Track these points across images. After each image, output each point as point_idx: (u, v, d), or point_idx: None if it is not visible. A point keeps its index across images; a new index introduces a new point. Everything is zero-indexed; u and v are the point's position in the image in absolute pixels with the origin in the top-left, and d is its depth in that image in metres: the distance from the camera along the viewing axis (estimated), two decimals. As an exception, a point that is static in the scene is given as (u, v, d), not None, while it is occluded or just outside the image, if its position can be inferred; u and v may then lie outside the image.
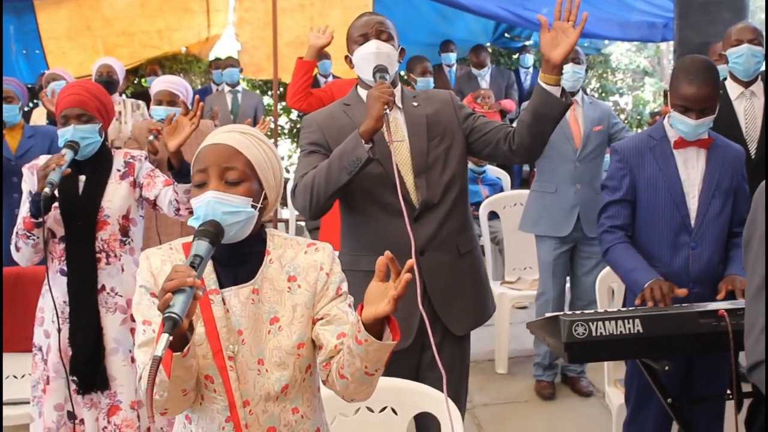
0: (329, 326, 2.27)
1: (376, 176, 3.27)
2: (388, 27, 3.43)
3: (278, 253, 2.33)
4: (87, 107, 3.62)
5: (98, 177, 3.68)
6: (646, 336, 2.96)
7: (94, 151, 3.65)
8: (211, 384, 2.22)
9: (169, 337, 1.85)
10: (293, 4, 10.67)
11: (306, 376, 2.31)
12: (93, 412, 3.60)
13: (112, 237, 3.63)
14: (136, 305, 2.26)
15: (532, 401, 5.54)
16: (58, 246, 3.62)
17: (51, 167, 3.38)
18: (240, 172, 2.22)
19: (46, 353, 3.64)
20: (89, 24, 10.56)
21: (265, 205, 2.29)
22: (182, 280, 1.92)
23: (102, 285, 3.61)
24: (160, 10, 10.73)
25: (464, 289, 3.44)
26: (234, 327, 2.23)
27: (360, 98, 3.49)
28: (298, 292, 2.29)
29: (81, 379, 3.55)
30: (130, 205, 3.69)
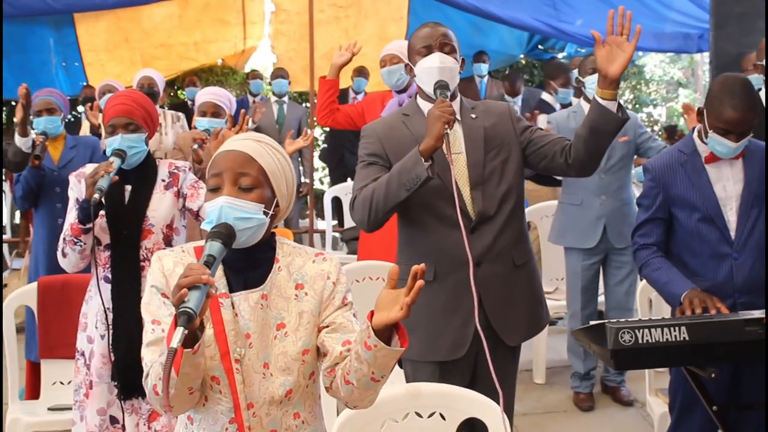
0: (335, 334, 2.32)
1: (433, 188, 3.28)
2: (451, 39, 3.46)
3: (287, 261, 2.37)
4: (134, 116, 3.67)
5: (144, 187, 3.72)
6: (692, 344, 2.97)
7: (140, 160, 3.71)
8: (217, 385, 2.27)
9: (184, 331, 1.91)
10: (328, 17, 10.73)
11: (309, 383, 2.36)
12: (134, 417, 3.63)
13: (156, 246, 3.68)
14: (146, 304, 2.32)
15: (571, 411, 5.53)
16: (103, 253, 3.66)
17: (99, 174, 3.44)
18: (253, 179, 2.27)
19: (88, 358, 3.68)
20: (128, 36, 10.66)
21: (277, 213, 2.34)
22: (197, 277, 1.98)
23: None
24: (198, 22, 10.81)
25: (518, 300, 3.45)
26: (242, 330, 2.28)
27: (419, 109, 3.52)
28: (305, 299, 2.34)
29: (123, 384, 3.59)
30: (173, 214, 3.74)
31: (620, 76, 3.22)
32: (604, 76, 3.22)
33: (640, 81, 13.64)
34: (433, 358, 3.36)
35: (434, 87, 3.36)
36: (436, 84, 3.36)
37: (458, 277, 3.27)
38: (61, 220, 5.38)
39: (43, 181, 5.36)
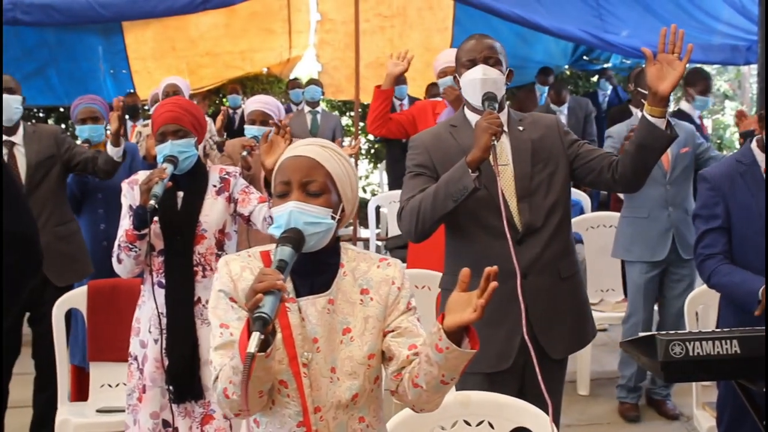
0: (400, 338, 2.34)
1: (480, 199, 3.30)
2: (497, 51, 3.48)
3: (352, 266, 2.40)
4: (182, 123, 3.71)
5: (196, 192, 3.77)
6: (744, 357, 2.93)
7: (191, 164, 3.75)
8: (285, 389, 2.29)
9: (261, 336, 1.93)
10: (374, 27, 10.79)
11: (374, 387, 2.38)
12: (187, 420, 3.67)
13: (208, 251, 3.72)
14: (213, 309, 2.33)
15: (615, 423, 5.50)
16: (157, 259, 3.70)
17: (154, 181, 3.48)
18: (321, 184, 2.30)
19: (141, 362, 3.72)
20: (174, 45, 10.78)
21: (342, 217, 2.36)
22: (272, 282, 2.00)
23: (198, 297, 3.68)
24: (244, 31, 10.92)
25: (564, 313, 3.45)
26: (309, 335, 2.30)
27: (467, 120, 3.54)
28: (370, 304, 2.36)
29: (176, 388, 3.63)
30: (225, 219, 3.77)
31: (670, 93, 3.21)
32: (653, 94, 3.21)
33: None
34: (479, 369, 3.36)
35: (482, 98, 3.38)
36: (485, 96, 3.38)
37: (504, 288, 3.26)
38: (103, 225, 5.46)
39: (86, 188, 5.43)
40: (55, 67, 10.29)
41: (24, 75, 9.86)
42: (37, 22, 8.60)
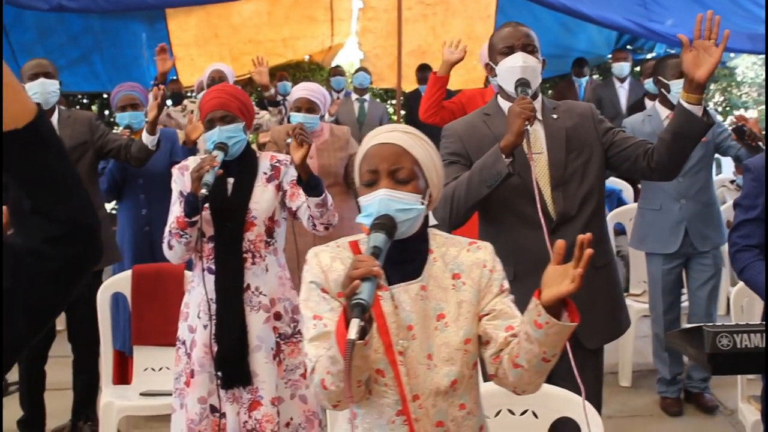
0: (496, 321, 2.32)
1: (514, 187, 3.30)
2: (533, 39, 3.47)
3: (441, 252, 2.39)
4: (229, 108, 3.74)
5: (246, 179, 3.79)
6: (793, 350, 2.91)
7: (241, 149, 3.77)
8: (382, 378, 2.27)
9: (361, 323, 1.92)
10: (416, 14, 10.76)
11: (473, 373, 2.36)
12: (235, 406, 3.69)
13: (258, 238, 3.73)
14: (305, 301, 2.33)
15: (657, 416, 5.47)
16: (207, 245, 3.73)
17: (205, 168, 3.50)
18: (409, 171, 2.29)
19: (190, 347, 3.75)
20: (217, 32, 10.83)
21: (430, 202, 2.36)
22: (369, 268, 1.98)
23: (247, 284, 3.70)
24: (286, 18, 10.93)
25: (598, 303, 3.43)
26: (403, 323, 2.29)
27: (500, 109, 3.53)
28: (463, 288, 2.34)
29: (225, 374, 3.65)
30: (275, 206, 3.78)
31: (707, 80, 3.18)
32: (690, 81, 3.19)
33: (731, 83, 13.38)
34: None
35: (515, 85, 3.37)
36: (518, 81, 3.37)
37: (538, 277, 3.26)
38: (144, 210, 5.50)
39: (127, 174, 5.48)
40: (99, 53, 10.37)
41: (69, 61, 9.98)
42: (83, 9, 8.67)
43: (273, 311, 3.73)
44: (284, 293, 3.79)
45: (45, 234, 1.47)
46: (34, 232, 1.48)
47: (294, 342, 3.76)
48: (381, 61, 11.04)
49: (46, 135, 1.48)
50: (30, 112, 1.46)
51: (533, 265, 3.28)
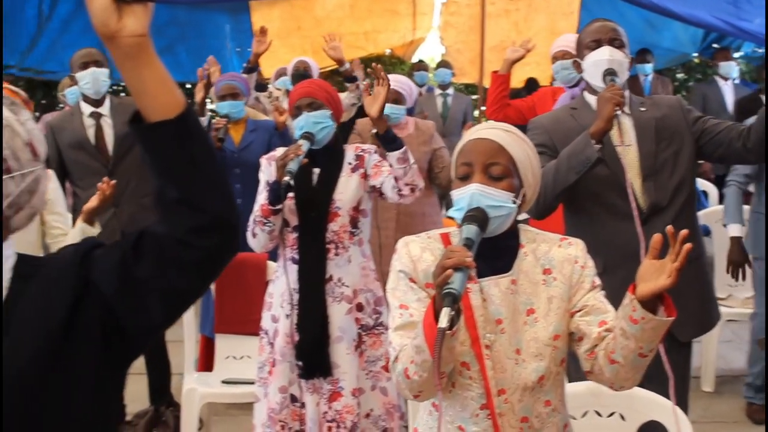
0: (589, 316, 2.30)
1: (602, 178, 3.27)
2: (621, 34, 3.44)
3: (532, 247, 2.37)
4: (316, 96, 3.77)
5: (331, 170, 3.80)
6: None
7: (328, 136, 3.78)
8: (467, 371, 2.27)
9: (451, 312, 1.92)
10: (498, 10, 10.68)
11: (560, 369, 2.34)
12: (315, 397, 3.70)
13: (342, 228, 3.74)
14: (392, 290, 2.33)
15: (741, 422, 5.34)
16: (291, 235, 3.75)
17: (290, 157, 3.53)
18: (504, 168, 2.28)
19: (272, 337, 3.78)
20: (300, 24, 10.87)
21: (523, 202, 2.34)
22: (461, 258, 1.98)
23: (330, 275, 3.71)
24: (369, 12, 10.94)
25: (689, 295, 3.35)
26: (492, 316, 2.28)
27: (587, 103, 3.52)
28: (554, 284, 2.33)
29: (305, 364, 3.67)
30: (360, 196, 3.78)
31: None
32: None
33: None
34: None
35: (603, 74, 3.35)
36: (605, 71, 3.34)
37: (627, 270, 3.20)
38: (240, 200, 5.53)
39: (224, 163, 5.52)
40: (184, 44, 10.47)
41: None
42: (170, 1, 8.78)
43: (355, 302, 3.73)
44: (367, 284, 3.79)
45: (190, 224, 1.50)
46: (180, 221, 1.51)
47: (375, 333, 3.76)
48: (462, 56, 10.97)
49: (194, 127, 1.51)
50: (180, 104, 1.49)
51: (623, 257, 3.26)
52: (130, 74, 1.48)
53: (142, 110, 1.49)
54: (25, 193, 1.66)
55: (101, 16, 1.43)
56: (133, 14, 1.44)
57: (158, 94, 1.48)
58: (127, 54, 1.46)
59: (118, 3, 1.43)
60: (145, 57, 1.47)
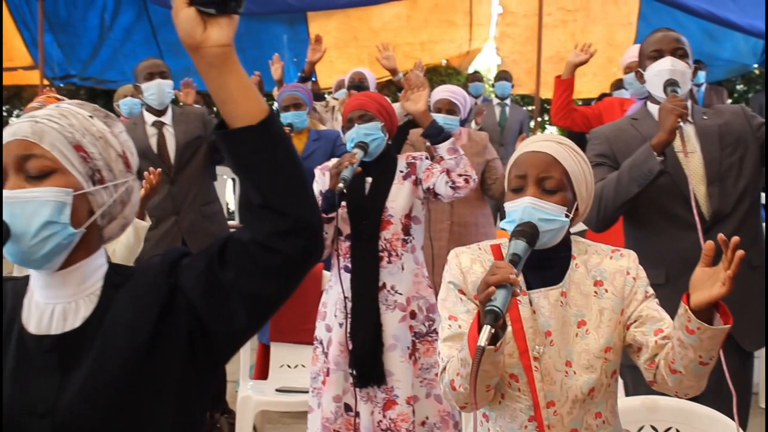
0: (644, 326, 2.29)
1: (664, 187, 3.24)
2: (684, 44, 3.41)
3: (584, 259, 2.36)
4: (367, 108, 3.80)
5: (383, 179, 3.81)
6: None
7: (380, 147, 3.80)
8: (516, 383, 2.27)
9: (491, 330, 1.92)
10: (555, 20, 10.63)
11: (611, 381, 2.33)
12: (369, 405, 3.70)
13: (394, 236, 3.75)
14: (442, 300, 2.35)
15: (801, 440, 5.25)
16: (344, 244, 3.77)
17: (344, 165, 3.55)
18: (557, 181, 2.28)
19: (326, 346, 3.79)
20: (356, 35, 10.92)
21: (576, 216, 2.33)
22: (505, 275, 1.98)
23: (383, 283, 3.72)
24: (425, 22, 10.95)
25: (754, 303, 3.32)
26: (541, 328, 2.27)
27: (649, 113, 3.48)
28: (605, 296, 2.31)
29: (359, 373, 3.67)
30: (412, 203, 3.79)
31: None
32: None
33: None
34: None
35: (664, 85, 3.31)
36: (666, 82, 3.31)
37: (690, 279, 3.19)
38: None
39: None
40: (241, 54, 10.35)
41: (212, 62, 10.24)
42: (232, 12, 8.88)
43: (408, 310, 3.73)
44: (419, 291, 3.78)
45: (273, 227, 1.52)
46: (263, 225, 1.53)
47: (429, 341, 3.75)
48: (518, 66, 10.94)
49: (277, 133, 1.53)
50: (263, 110, 1.51)
51: (685, 266, 3.18)
52: (214, 83, 1.51)
53: (226, 117, 1.52)
54: (118, 204, 1.74)
55: (187, 27, 1.46)
56: (217, 25, 1.47)
57: (241, 101, 1.51)
58: (211, 63, 1.49)
59: (203, 15, 1.47)
60: (229, 66, 1.50)
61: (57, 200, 1.62)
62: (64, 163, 1.64)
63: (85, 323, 1.66)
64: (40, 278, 1.69)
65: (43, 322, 1.67)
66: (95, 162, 1.68)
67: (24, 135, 1.64)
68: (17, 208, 1.60)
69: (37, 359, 1.65)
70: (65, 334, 1.66)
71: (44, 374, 1.64)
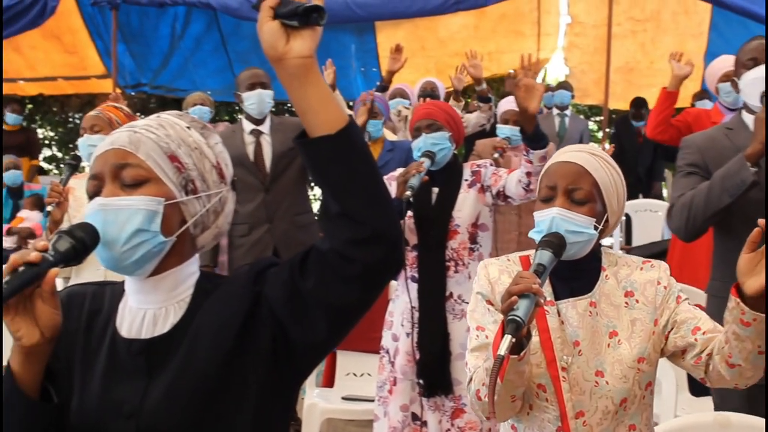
0: (681, 330, 2.28)
1: (756, 201, 3.17)
2: None
3: (614, 270, 2.36)
4: (435, 117, 3.81)
5: (450, 188, 3.82)
6: None
7: (447, 157, 3.81)
8: (543, 393, 2.27)
9: (512, 339, 1.93)
10: (625, 31, 10.53)
11: (645, 393, 2.32)
12: (437, 414, 3.70)
13: (461, 246, 3.75)
14: (471, 312, 2.37)
15: None
16: (411, 254, 3.77)
17: (411, 173, 3.56)
18: (587, 193, 2.28)
19: (393, 355, 3.79)
20: (424, 45, 10.91)
21: (605, 228, 2.32)
22: (528, 285, 1.99)
23: (450, 292, 3.72)
24: (493, 32, 10.92)
25: None
26: (569, 338, 2.28)
27: (743, 123, 3.43)
28: (636, 306, 2.31)
29: (427, 382, 3.67)
30: (479, 211, 3.79)
31: None
32: None
33: None
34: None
35: (760, 96, 3.25)
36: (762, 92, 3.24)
37: None
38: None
39: None
40: (312, 64, 10.64)
41: (282, 71, 10.33)
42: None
43: (476, 319, 3.71)
44: None
45: (351, 236, 1.53)
46: (341, 234, 1.54)
47: (496, 350, 3.73)
48: (587, 77, 10.87)
49: (356, 142, 1.55)
50: (342, 119, 1.53)
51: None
52: (296, 93, 1.53)
53: (306, 127, 1.54)
54: (211, 213, 1.77)
55: (270, 39, 1.50)
56: (300, 37, 1.50)
57: (321, 111, 1.52)
58: (293, 74, 1.52)
59: (286, 27, 1.50)
60: (310, 77, 1.52)
61: (148, 209, 1.66)
62: (158, 173, 1.68)
63: (173, 329, 1.70)
64: (133, 284, 1.74)
65: (134, 326, 1.72)
66: (189, 172, 1.72)
67: (121, 144, 1.69)
68: (110, 215, 1.65)
69: (126, 362, 1.70)
70: (154, 338, 1.70)
71: (132, 377, 1.69)
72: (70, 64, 11.12)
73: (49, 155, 14.86)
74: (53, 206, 3.80)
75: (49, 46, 10.67)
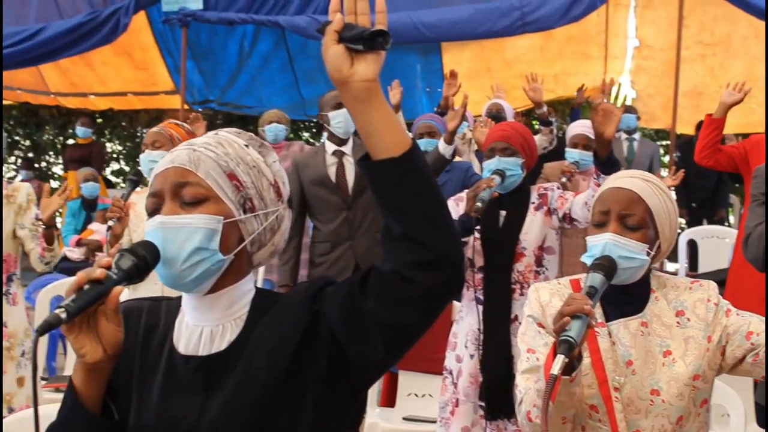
0: (735, 340, 2.29)
1: None
2: None
3: (663, 292, 2.38)
4: (511, 141, 3.79)
5: (517, 211, 3.81)
6: None
7: (515, 183, 3.79)
8: (596, 414, 2.28)
9: (565, 359, 1.95)
10: (693, 54, 10.42)
11: (701, 410, 2.33)
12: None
13: (527, 269, 3.74)
14: (522, 335, 2.40)
15: None
16: (477, 275, 3.77)
17: (481, 188, 3.56)
18: (640, 219, 2.30)
19: (456, 377, 3.79)
20: (489, 66, 10.91)
21: (657, 254, 2.34)
22: (580, 306, 2.02)
23: (515, 315, 3.71)
24: (560, 54, 10.88)
25: None
26: (621, 358, 2.29)
27: None
28: (689, 325, 2.32)
29: (489, 405, 3.66)
30: (545, 234, 3.78)
31: None
32: None
33: None
34: None
35: None
36: None
37: None
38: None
39: None
40: (381, 83, 10.69)
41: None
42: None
43: (540, 343, 3.70)
44: None
45: (413, 258, 1.53)
46: (403, 256, 1.55)
47: (561, 375, 3.71)
48: (654, 100, 10.77)
49: (420, 165, 1.55)
50: (406, 143, 1.54)
51: None
52: (360, 116, 1.54)
53: (370, 149, 1.55)
54: (267, 231, 1.78)
55: (335, 62, 1.51)
56: (364, 61, 1.51)
57: (385, 134, 1.53)
58: (357, 98, 1.53)
59: (350, 51, 1.51)
60: (374, 100, 1.53)
61: (208, 227, 1.67)
62: (217, 192, 1.69)
63: (230, 346, 1.71)
64: (191, 301, 1.75)
65: (191, 343, 1.73)
66: (247, 191, 1.73)
67: (181, 163, 1.71)
68: (170, 234, 1.66)
69: (183, 379, 1.71)
70: (211, 355, 1.71)
71: (189, 393, 1.70)
72: (140, 80, 11.33)
73: (117, 169, 15.13)
74: (114, 221, 3.88)
75: (120, 62, 10.88)
